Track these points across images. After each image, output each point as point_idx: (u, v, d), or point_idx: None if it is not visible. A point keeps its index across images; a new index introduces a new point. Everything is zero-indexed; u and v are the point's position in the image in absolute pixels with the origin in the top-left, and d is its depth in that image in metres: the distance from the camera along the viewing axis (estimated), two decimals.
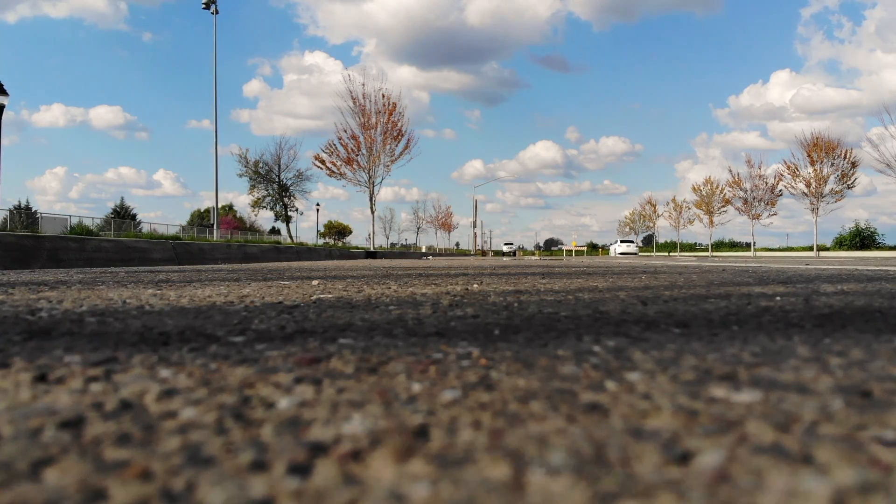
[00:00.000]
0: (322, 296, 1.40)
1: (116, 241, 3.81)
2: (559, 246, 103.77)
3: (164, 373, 0.50)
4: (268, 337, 0.72)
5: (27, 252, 3.06)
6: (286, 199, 29.76)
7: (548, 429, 0.34)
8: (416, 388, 0.45)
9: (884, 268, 3.47)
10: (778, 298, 1.25)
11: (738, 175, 50.38)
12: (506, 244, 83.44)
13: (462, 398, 0.42)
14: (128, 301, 1.26)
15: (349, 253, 9.20)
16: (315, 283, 1.90)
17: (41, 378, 0.49)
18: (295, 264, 4.41)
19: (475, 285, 1.79)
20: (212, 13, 30.76)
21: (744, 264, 4.11)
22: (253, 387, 0.45)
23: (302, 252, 7.03)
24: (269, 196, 29.41)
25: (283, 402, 0.40)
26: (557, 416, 0.37)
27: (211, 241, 5.10)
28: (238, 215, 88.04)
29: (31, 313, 1.02)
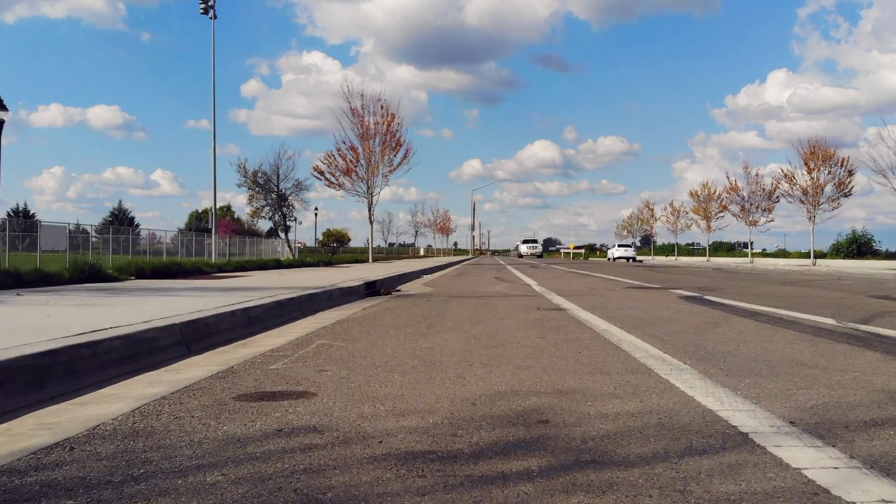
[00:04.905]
0: None
1: (126, 338, 3.94)
2: (557, 246, 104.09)
3: None
4: None
5: (44, 372, 3.20)
6: (285, 209, 29.96)
7: None
8: None
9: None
10: None
11: (735, 181, 50.51)
12: (525, 242, 65.85)
13: None
14: None
15: (349, 291, 9.33)
16: None
17: None
18: (301, 336, 4.54)
19: None
20: (210, 17, 30.82)
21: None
22: None
23: (303, 303, 7.17)
24: (267, 206, 29.62)
25: None
26: None
27: (216, 314, 5.25)
28: (236, 216, 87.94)
29: None
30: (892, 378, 3.36)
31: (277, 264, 18.91)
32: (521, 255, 64.64)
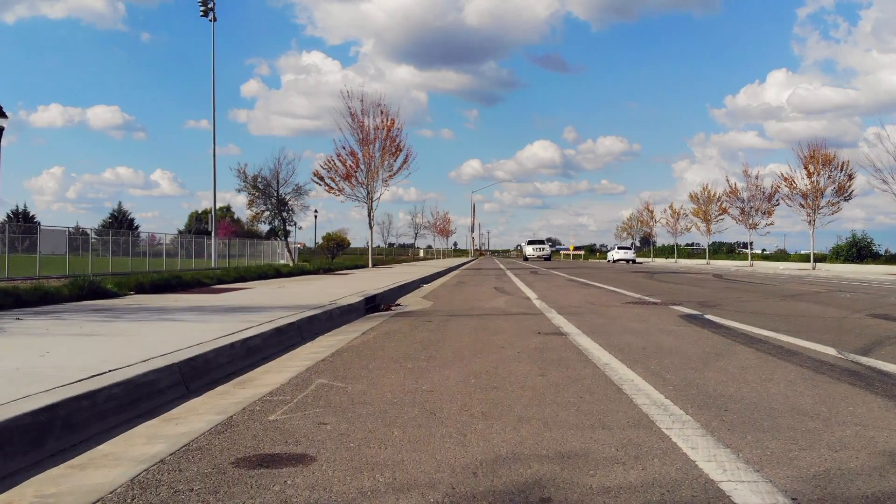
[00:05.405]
0: None
1: (126, 383, 3.93)
2: (557, 247, 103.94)
3: None
4: None
5: (43, 430, 3.18)
6: (284, 214, 29.94)
7: None
8: None
9: None
10: None
11: (735, 184, 50.48)
12: (531, 243, 57.97)
13: None
14: None
15: (349, 308, 9.32)
16: None
17: None
18: (300, 372, 4.53)
19: None
20: (210, 20, 30.74)
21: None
22: None
23: (303, 327, 7.16)
24: (267, 211, 29.63)
25: None
26: None
27: (215, 348, 5.24)
28: (236, 217, 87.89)
29: None
30: (893, 433, 3.35)
31: (277, 273, 18.90)
32: (526, 258, 54.79)
